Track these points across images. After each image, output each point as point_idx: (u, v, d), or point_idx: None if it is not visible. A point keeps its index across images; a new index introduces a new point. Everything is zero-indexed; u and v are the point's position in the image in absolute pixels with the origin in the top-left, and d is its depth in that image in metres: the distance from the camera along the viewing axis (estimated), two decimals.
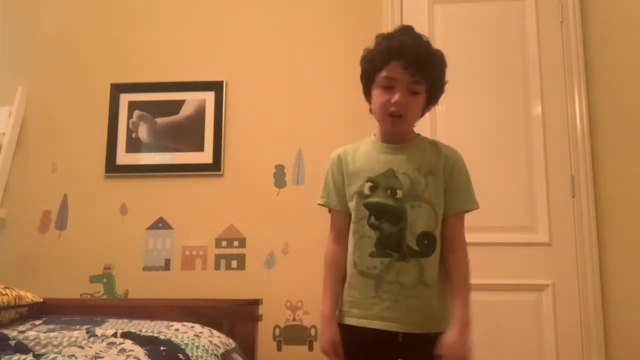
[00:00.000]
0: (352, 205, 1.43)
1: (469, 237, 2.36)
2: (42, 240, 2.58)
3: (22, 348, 1.39)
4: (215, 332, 1.86)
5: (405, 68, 1.34)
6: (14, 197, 2.62)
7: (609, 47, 2.45)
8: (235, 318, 2.11)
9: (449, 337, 1.32)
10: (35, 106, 2.71)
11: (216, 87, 2.61)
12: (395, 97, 1.34)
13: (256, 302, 2.19)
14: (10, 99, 2.68)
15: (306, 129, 2.56)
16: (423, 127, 2.47)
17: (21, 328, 1.83)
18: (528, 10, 2.54)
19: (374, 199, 1.39)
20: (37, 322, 1.95)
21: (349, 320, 1.41)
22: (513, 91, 2.49)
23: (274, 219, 2.50)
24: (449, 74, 2.58)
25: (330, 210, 1.51)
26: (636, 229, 2.29)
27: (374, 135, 1.50)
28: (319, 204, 1.53)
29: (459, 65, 2.53)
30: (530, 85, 2.48)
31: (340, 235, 1.48)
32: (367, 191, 1.40)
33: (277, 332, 2.42)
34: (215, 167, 2.55)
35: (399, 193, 1.36)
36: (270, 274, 2.46)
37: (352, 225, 1.43)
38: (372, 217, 1.38)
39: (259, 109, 2.61)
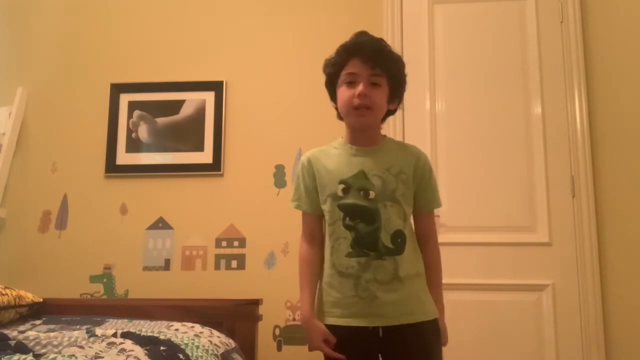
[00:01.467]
0: (326, 207, 1.46)
1: (469, 237, 2.39)
2: (42, 240, 2.58)
3: (22, 348, 1.39)
4: (215, 332, 1.86)
5: (364, 62, 1.41)
6: (14, 197, 2.62)
7: (609, 47, 2.45)
8: (235, 318, 2.11)
9: (442, 326, 1.45)
10: (35, 106, 2.71)
11: (216, 87, 2.62)
12: (359, 89, 1.40)
13: (256, 302, 2.19)
14: (10, 99, 2.68)
15: (306, 129, 2.56)
16: (423, 126, 2.49)
17: (21, 328, 1.83)
18: (528, 10, 2.54)
19: (347, 201, 1.42)
20: (37, 322, 1.95)
21: (331, 320, 1.43)
22: (513, 91, 2.49)
23: (274, 219, 2.50)
24: (450, 74, 2.60)
25: (301, 213, 1.55)
26: (636, 229, 2.29)
27: (342, 137, 1.53)
28: (293, 207, 1.56)
29: (459, 65, 2.55)
30: (530, 85, 2.48)
31: (312, 237, 1.51)
32: (340, 193, 1.43)
33: (277, 332, 2.42)
34: (215, 167, 2.55)
35: (372, 194, 1.40)
36: (270, 274, 2.46)
37: (327, 227, 1.47)
38: (347, 218, 1.41)
39: (259, 109, 2.61)
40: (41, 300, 2.09)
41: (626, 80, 2.40)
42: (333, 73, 1.49)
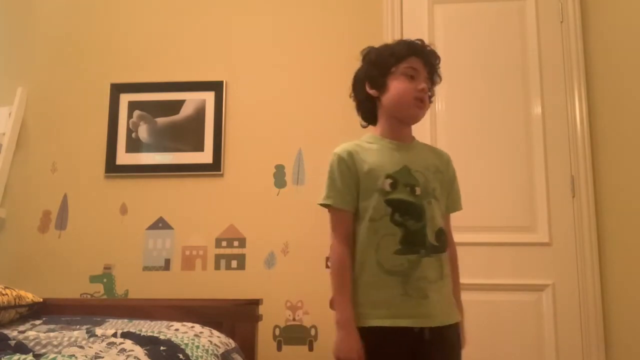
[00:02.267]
0: (369, 203, 1.39)
1: (470, 237, 2.38)
2: (42, 240, 2.58)
3: (22, 348, 1.39)
4: (215, 332, 1.86)
5: (425, 64, 1.48)
6: (14, 197, 2.62)
7: (609, 47, 2.44)
8: (235, 318, 2.11)
9: (463, 326, 1.48)
10: (35, 106, 2.71)
11: (216, 87, 2.62)
12: (422, 84, 1.45)
13: (256, 302, 2.19)
14: (10, 99, 2.68)
15: (306, 129, 2.56)
16: (423, 125, 2.48)
17: (21, 328, 1.83)
18: (528, 10, 2.54)
19: (395, 196, 1.39)
20: (37, 322, 1.94)
21: (374, 322, 1.36)
22: (513, 91, 2.49)
23: (274, 219, 2.50)
24: (449, 73, 2.59)
25: (335, 211, 1.45)
26: (636, 229, 2.29)
27: (372, 133, 1.52)
28: (327, 204, 1.46)
29: (459, 65, 2.54)
30: (530, 85, 2.48)
31: (348, 237, 1.43)
32: (388, 188, 1.39)
33: (277, 332, 2.42)
34: (215, 167, 2.55)
35: (418, 190, 1.40)
36: (270, 274, 2.46)
37: (368, 224, 1.39)
38: (397, 214, 1.38)
39: (259, 108, 2.61)
40: (41, 300, 2.09)
41: (626, 80, 2.39)
42: (389, 63, 1.47)
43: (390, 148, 1.46)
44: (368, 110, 1.53)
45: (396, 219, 1.37)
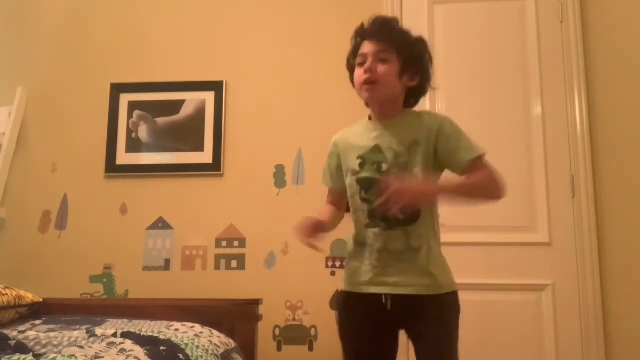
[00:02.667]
0: (347, 182, 1.52)
1: (469, 237, 2.38)
2: (42, 240, 2.58)
3: (22, 348, 1.39)
4: (215, 332, 1.86)
5: (371, 41, 1.46)
6: (14, 197, 2.62)
7: (609, 47, 2.45)
8: (235, 318, 2.11)
9: (413, 179, 1.41)
10: (35, 106, 2.71)
11: (216, 87, 2.62)
12: (365, 66, 1.44)
13: (256, 302, 2.19)
14: (10, 99, 2.68)
15: (306, 129, 2.56)
16: None
17: (21, 328, 1.83)
18: (528, 10, 2.54)
19: (362, 174, 1.47)
20: (37, 322, 1.94)
21: (345, 287, 1.50)
22: (513, 91, 2.49)
23: (274, 219, 2.50)
24: (450, 74, 2.60)
25: (328, 190, 1.63)
26: (636, 229, 2.29)
27: (369, 116, 1.57)
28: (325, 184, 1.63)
29: (459, 65, 2.54)
30: (530, 85, 2.48)
31: (333, 203, 1.59)
32: (357, 167, 1.48)
33: (277, 332, 2.42)
34: (215, 167, 2.55)
35: (384, 167, 1.44)
36: (270, 274, 2.46)
37: (350, 200, 1.52)
38: (362, 192, 1.46)
39: (259, 109, 2.61)
40: (41, 300, 2.09)
41: (626, 80, 2.40)
42: (352, 62, 1.52)
43: (368, 129, 1.51)
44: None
45: (362, 196, 1.46)
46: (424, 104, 2.52)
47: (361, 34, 1.51)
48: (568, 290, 2.32)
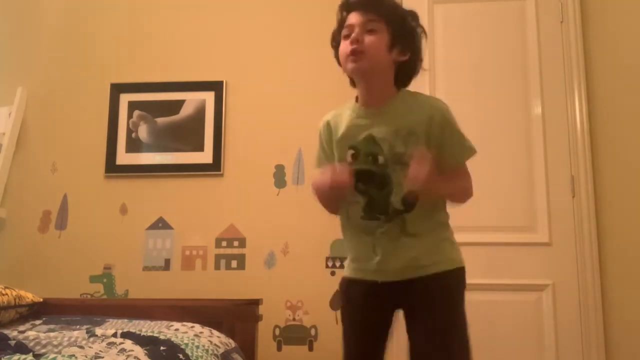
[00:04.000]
0: None
1: (470, 237, 2.37)
2: (42, 240, 2.58)
3: (22, 348, 1.39)
4: (215, 332, 1.86)
5: (358, 11, 1.37)
6: (14, 197, 2.62)
7: (609, 47, 2.45)
8: (235, 318, 2.11)
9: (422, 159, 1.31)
10: (35, 106, 2.71)
11: (216, 87, 2.62)
12: (351, 37, 1.36)
13: (256, 302, 2.19)
14: (10, 99, 2.68)
15: (306, 129, 2.55)
16: None
17: (21, 328, 1.83)
18: (528, 10, 2.54)
19: (357, 166, 1.38)
20: (37, 322, 1.95)
21: (348, 273, 1.48)
22: (513, 91, 2.49)
23: (274, 219, 2.50)
24: (450, 74, 2.59)
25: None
26: (636, 229, 2.29)
27: (356, 98, 1.47)
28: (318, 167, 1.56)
29: (459, 65, 2.54)
30: (530, 85, 2.48)
31: None
32: (349, 159, 1.40)
33: (277, 332, 2.42)
34: (215, 167, 2.55)
35: (381, 159, 1.36)
36: (270, 274, 2.46)
37: None
38: (359, 183, 1.38)
39: (259, 108, 2.61)
40: (41, 300, 2.09)
41: (626, 80, 2.40)
42: (337, 36, 1.43)
43: (359, 115, 1.42)
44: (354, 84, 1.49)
45: (359, 187, 1.38)
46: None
47: (346, 7, 1.42)
48: (568, 290, 2.32)
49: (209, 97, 2.62)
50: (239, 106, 2.61)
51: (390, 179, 1.36)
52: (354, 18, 1.37)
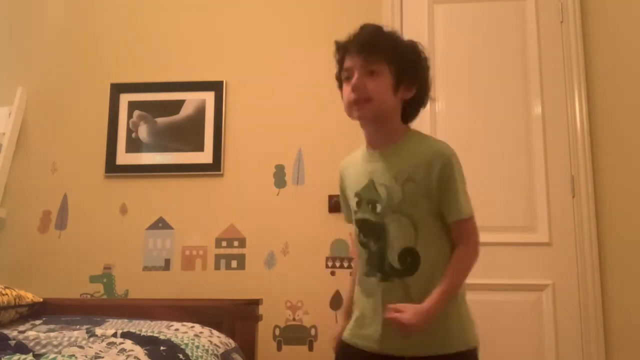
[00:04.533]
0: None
1: None
2: (42, 240, 2.58)
3: (22, 348, 1.39)
4: (215, 332, 1.86)
5: (358, 53, 1.27)
6: (14, 197, 2.62)
7: (609, 47, 2.44)
8: (235, 318, 2.11)
9: (428, 309, 1.20)
10: (35, 106, 2.71)
11: (216, 87, 2.62)
12: (352, 81, 1.27)
13: (256, 302, 2.19)
14: (10, 99, 2.68)
15: (306, 129, 2.56)
16: (423, 126, 2.47)
17: (21, 328, 1.83)
18: (528, 10, 2.54)
19: (359, 215, 1.32)
20: (37, 322, 1.94)
21: (347, 335, 1.36)
22: (513, 91, 2.49)
23: (274, 219, 2.50)
24: (450, 74, 2.59)
25: None
26: (636, 229, 2.29)
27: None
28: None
29: (459, 66, 2.54)
30: (530, 85, 2.48)
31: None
32: (355, 207, 1.33)
33: (277, 332, 2.42)
34: (215, 167, 2.55)
35: (379, 207, 1.27)
36: (270, 274, 2.46)
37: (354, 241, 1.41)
38: (361, 235, 1.31)
39: (259, 108, 2.61)
40: (41, 300, 2.09)
41: (626, 80, 2.40)
42: (338, 76, 1.36)
43: (365, 159, 1.35)
44: None
45: (361, 239, 1.31)
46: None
47: (343, 49, 1.32)
48: (568, 290, 2.32)
49: (209, 97, 2.62)
50: (239, 106, 2.61)
51: (386, 231, 1.26)
52: (352, 61, 1.28)
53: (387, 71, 1.27)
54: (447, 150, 1.29)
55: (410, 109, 1.35)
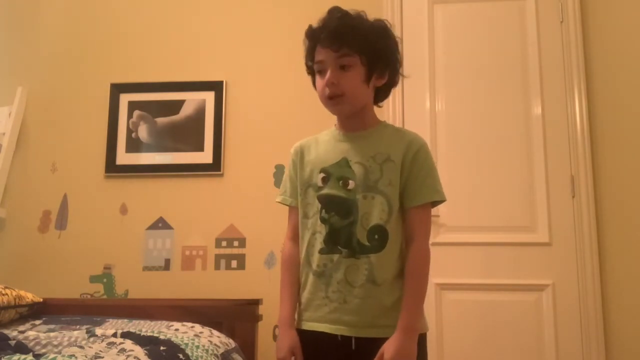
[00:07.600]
0: (305, 199, 1.35)
1: (469, 237, 2.38)
2: (42, 240, 2.58)
3: (22, 348, 1.39)
4: (215, 332, 1.86)
5: (329, 47, 1.28)
6: (14, 197, 2.62)
7: (609, 47, 2.44)
8: (235, 318, 2.11)
9: (390, 347, 1.19)
10: (35, 106, 2.71)
11: (216, 87, 2.61)
12: (326, 77, 1.28)
13: (256, 302, 2.19)
14: (10, 99, 2.68)
15: (306, 129, 2.54)
16: (423, 126, 2.48)
17: (21, 328, 1.83)
18: (528, 10, 2.54)
19: (324, 191, 1.30)
20: (37, 322, 1.95)
21: (300, 324, 1.33)
22: (513, 91, 2.49)
23: (274, 219, 2.49)
24: (450, 74, 2.59)
25: (289, 208, 1.43)
26: (636, 228, 2.29)
27: (335, 125, 1.43)
28: (277, 202, 1.45)
29: (459, 65, 2.55)
30: (530, 85, 2.48)
31: (295, 233, 1.39)
32: (320, 183, 1.32)
33: (277, 332, 2.41)
34: (215, 167, 2.55)
35: (351, 184, 1.27)
36: (270, 274, 2.46)
37: (304, 221, 1.34)
38: (323, 211, 1.29)
39: (259, 109, 2.61)
40: (41, 300, 2.09)
41: (626, 80, 2.39)
42: (309, 65, 1.37)
43: (337, 139, 1.37)
44: None
45: (322, 215, 1.29)
46: (425, 104, 2.53)
47: (314, 37, 1.33)
48: (568, 290, 2.32)
49: (209, 97, 2.62)
50: (239, 106, 2.61)
51: (357, 207, 1.26)
52: (324, 54, 1.29)
53: (359, 63, 1.29)
54: (423, 140, 1.35)
55: (382, 91, 1.38)
